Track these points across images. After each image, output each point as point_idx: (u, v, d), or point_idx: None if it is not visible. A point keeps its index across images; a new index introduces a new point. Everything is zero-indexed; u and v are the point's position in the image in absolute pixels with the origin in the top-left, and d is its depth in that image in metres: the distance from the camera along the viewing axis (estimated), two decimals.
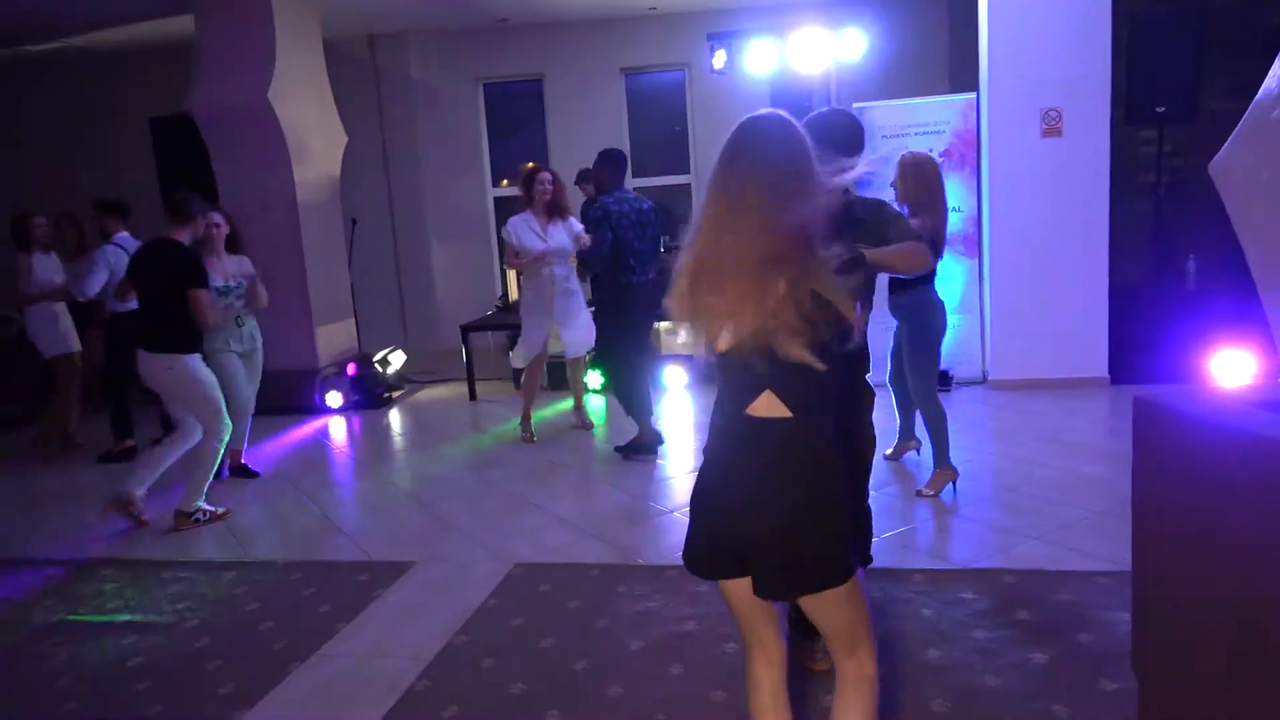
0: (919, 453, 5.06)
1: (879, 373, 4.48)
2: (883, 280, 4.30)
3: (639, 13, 9.20)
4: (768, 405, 1.81)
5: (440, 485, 5.25)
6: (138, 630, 3.61)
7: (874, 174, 3.08)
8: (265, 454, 6.15)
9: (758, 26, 7.16)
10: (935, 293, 4.36)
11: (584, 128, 9.62)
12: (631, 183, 9.30)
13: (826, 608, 1.87)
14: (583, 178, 8.54)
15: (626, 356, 5.42)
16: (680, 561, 2.00)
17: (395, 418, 7.15)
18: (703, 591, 3.53)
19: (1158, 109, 6.06)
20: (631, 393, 5.43)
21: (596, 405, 6.97)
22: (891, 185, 4.32)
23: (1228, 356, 6.26)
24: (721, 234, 1.77)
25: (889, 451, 5.03)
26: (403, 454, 6.08)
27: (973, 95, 6.50)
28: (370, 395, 7.42)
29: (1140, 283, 6.59)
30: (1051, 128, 6.15)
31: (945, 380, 6.58)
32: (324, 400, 7.31)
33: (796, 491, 1.79)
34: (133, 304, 5.13)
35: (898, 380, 4.75)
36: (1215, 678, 2.06)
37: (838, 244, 1.81)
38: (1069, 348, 6.35)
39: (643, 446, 5.48)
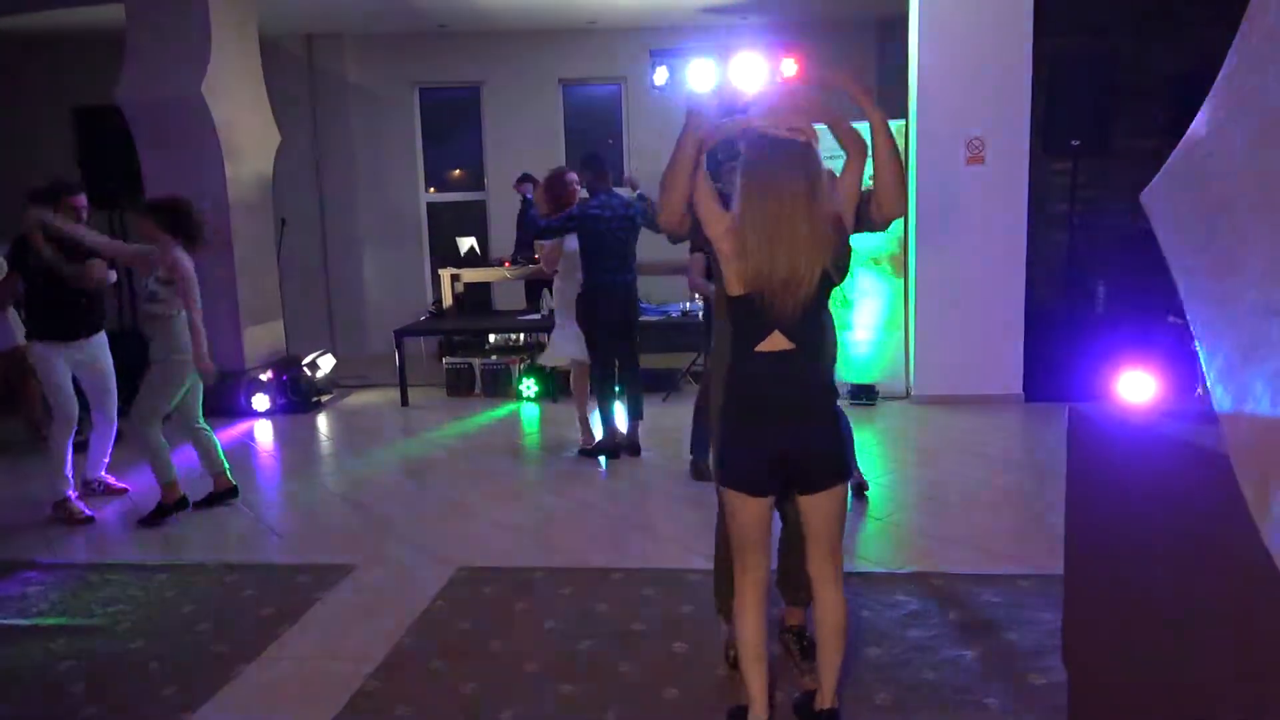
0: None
1: None
2: None
3: (579, 25, 9.30)
4: (772, 342, 2.33)
5: (376, 489, 5.21)
6: (68, 633, 3.50)
7: None
8: (190, 456, 6.00)
9: (698, 46, 7.31)
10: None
11: (521, 136, 9.67)
12: None
13: (835, 504, 2.43)
14: (521, 181, 8.59)
15: (597, 356, 5.52)
16: (624, 565, 2.35)
17: (325, 422, 7.05)
18: (649, 594, 3.62)
19: (1072, 142, 6.42)
20: (600, 391, 5.55)
21: (530, 413, 6.99)
22: None
23: (1133, 376, 6.64)
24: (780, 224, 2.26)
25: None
26: (335, 458, 6.01)
27: (901, 122, 6.77)
28: (299, 399, 7.30)
29: (1053, 305, 6.95)
30: (975, 156, 6.47)
31: (871, 394, 6.83)
32: (250, 403, 7.15)
33: (820, 403, 2.40)
34: None
35: None
36: (1142, 668, 2.23)
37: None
38: (987, 366, 6.66)
39: (602, 449, 5.58)
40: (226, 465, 4.93)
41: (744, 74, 7.04)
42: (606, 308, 5.43)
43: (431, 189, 10.10)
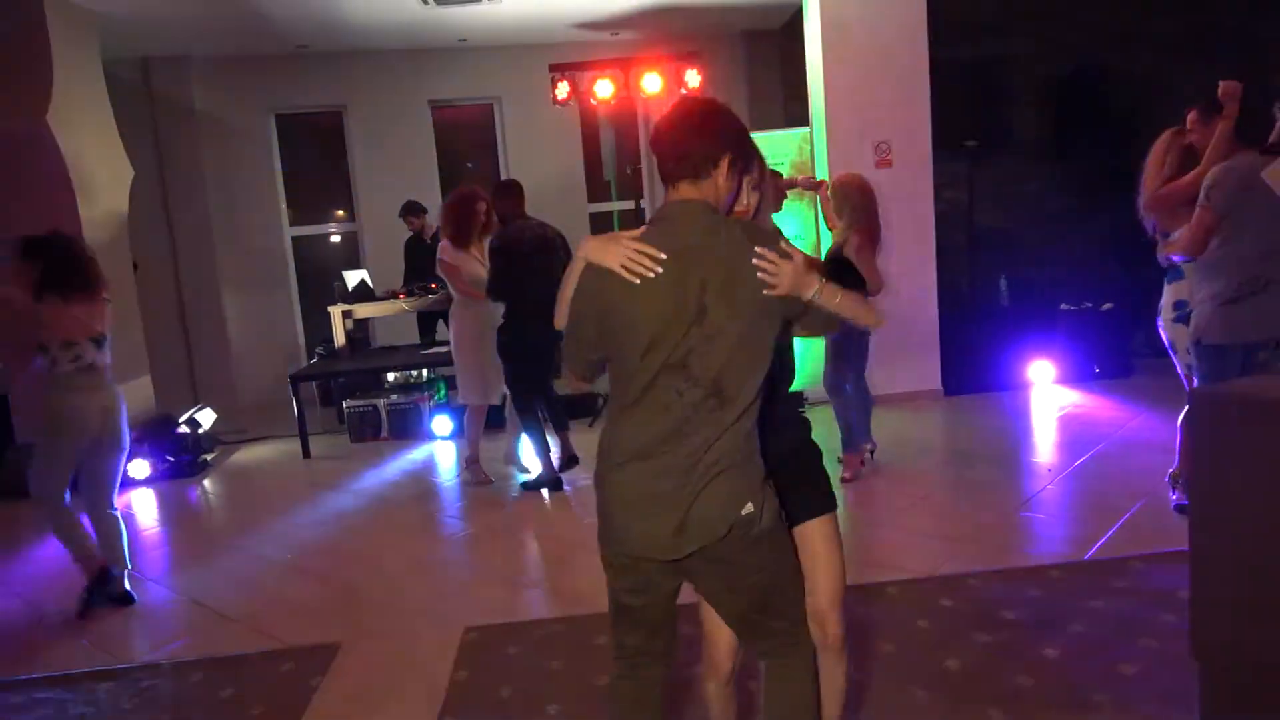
0: (874, 454, 5.32)
1: None
2: None
3: (448, 44, 8.90)
4: None
5: (323, 553, 4.67)
6: None
7: None
8: (56, 545, 5.18)
9: (594, 59, 7.15)
10: None
11: (391, 162, 9.13)
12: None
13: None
14: (408, 211, 8.12)
15: (527, 389, 5.23)
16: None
17: (220, 484, 6.32)
18: (689, 632, 3.37)
19: (968, 143, 6.71)
20: (530, 427, 5.23)
21: (448, 453, 6.54)
22: None
23: (1039, 365, 7.00)
24: None
25: (845, 475, 5.09)
26: (257, 523, 5.34)
27: (807, 129, 6.86)
28: (184, 461, 6.51)
29: (962, 302, 7.22)
30: (883, 159, 6.62)
31: (800, 401, 6.83)
32: (125, 471, 6.30)
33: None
34: None
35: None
36: (1276, 661, 2.22)
37: None
38: (908, 364, 6.81)
39: (543, 483, 5.29)
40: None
41: (647, 89, 6.97)
42: (533, 337, 5.12)
43: (288, 222, 9.37)
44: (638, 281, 1.87)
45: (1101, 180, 4.03)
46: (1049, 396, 6.68)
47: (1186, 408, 3.89)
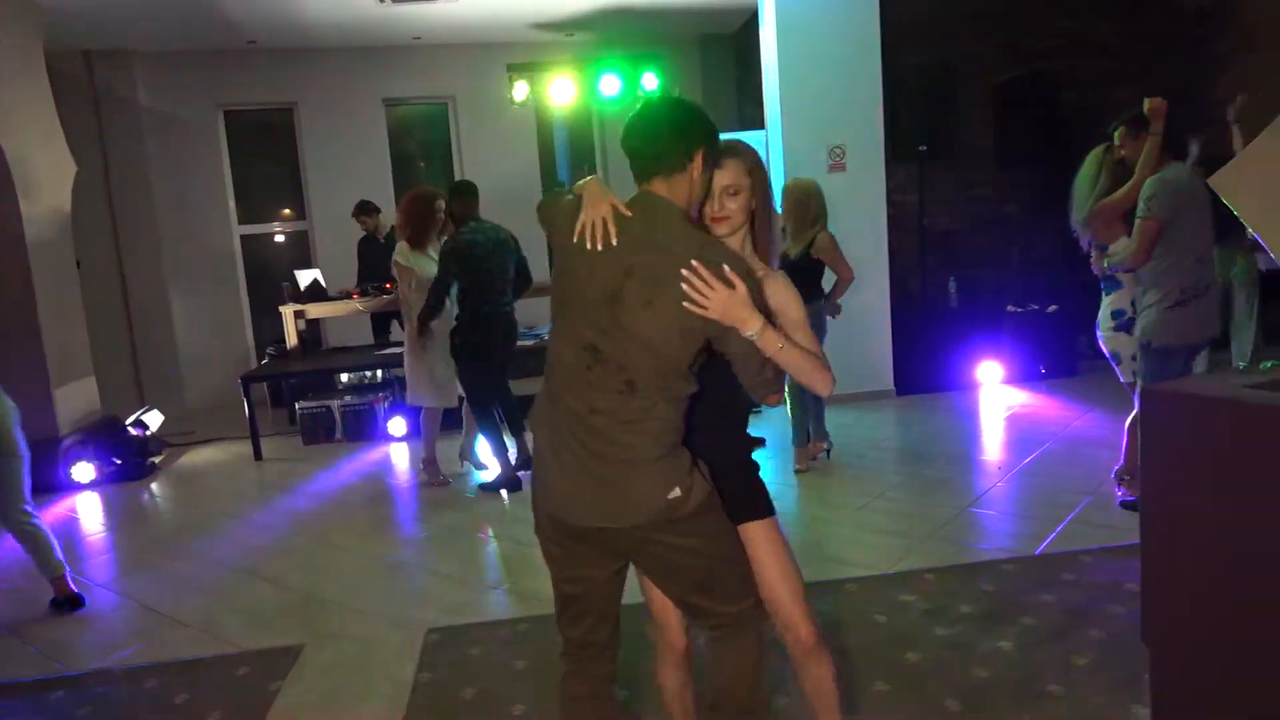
0: (829, 454, 5.43)
1: None
2: None
3: (402, 41, 8.82)
4: None
5: (278, 556, 4.60)
6: None
7: None
8: (8, 548, 5.04)
9: (554, 60, 7.15)
10: None
11: (343, 161, 9.02)
12: (395, 218, 8.88)
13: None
14: (361, 210, 8.03)
15: (483, 390, 5.20)
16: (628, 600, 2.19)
17: (169, 487, 6.18)
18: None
19: (920, 148, 6.84)
20: (487, 429, 5.21)
21: (404, 454, 6.48)
22: None
23: (987, 366, 7.16)
24: None
25: (799, 467, 5.23)
26: (209, 526, 5.24)
27: (761, 132, 6.93)
28: (131, 464, 6.36)
29: (913, 303, 7.36)
30: (837, 163, 6.72)
31: (752, 404, 6.91)
32: (70, 475, 6.15)
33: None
34: None
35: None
36: (1226, 641, 2.31)
37: None
38: (860, 365, 6.91)
39: (501, 484, 5.28)
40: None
41: (604, 91, 6.99)
42: (487, 340, 5.13)
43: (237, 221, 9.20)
44: (585, 245, 1.92)
45: (1049, 186, 4.17)
46: (997, 396, 6.84)
47: (1135, 411, 4.03)
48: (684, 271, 1.81)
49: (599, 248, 1.90)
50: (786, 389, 5.17)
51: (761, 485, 2.19)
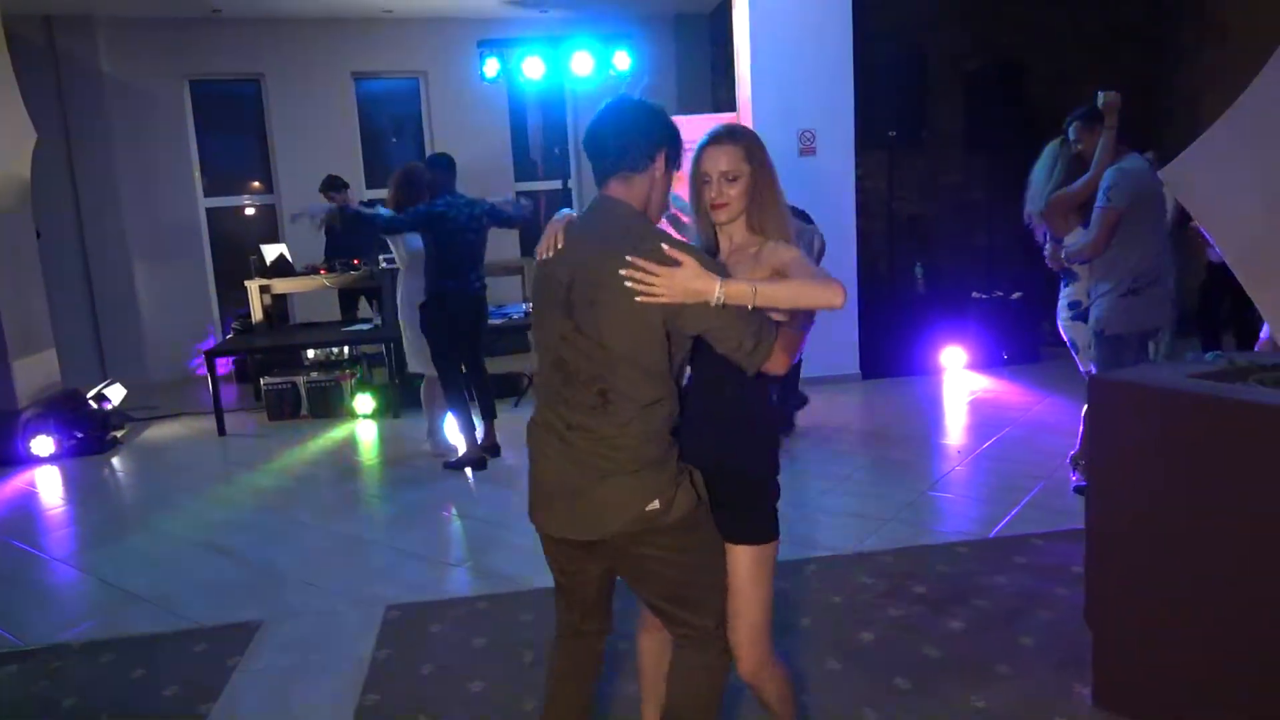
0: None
1: None
2: None
3: (372, 14, 8.70)
4: None
5: (239, 531, 4.58)
6: None
7: None
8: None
9: (524, 37, 7.09)
10: None
11: (311, 134, 8.90)
12: (364, 194, 8.82)
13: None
14: (329, 186, 7.93)
15: (451, 366, 5.20)
16: None
17: (129, 462, 6.12)
18: (617, 608, 3.42)
19: (890, 134, 6.87)
20: (455, 406, 5.24)
21: (370, 432, 6.46)
22: None
23: (951, 351, 7.25)
24: None
25: None
26: (169, 501, 5.19)
27: (733, 115, 6.93)
28: (92, 438, 6.29)
29: (879, 288, 7.42)
30: (807, 148, 6.74)
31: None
32: (29, 448, 6.07)
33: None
34: None
35: None
36: (1166, 622, 2.39)
37: None
38: (827, 348, 6.96)
39: (466, 462, 5.28)
40: None
41: (577, 69, 6.95)
42: (455, 315, 5.11)
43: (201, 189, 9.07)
44: (538, 259, 1.96)
45: (1016, 174, 4.23)
46: (960, 381, 6.92)
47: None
48: (622, 272, 1.78)
49: (549, 255, 1.93)
50: None
51: (766, 502, 2.07)
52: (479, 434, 5.43)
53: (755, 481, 2.05)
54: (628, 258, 1.78)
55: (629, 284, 1.77)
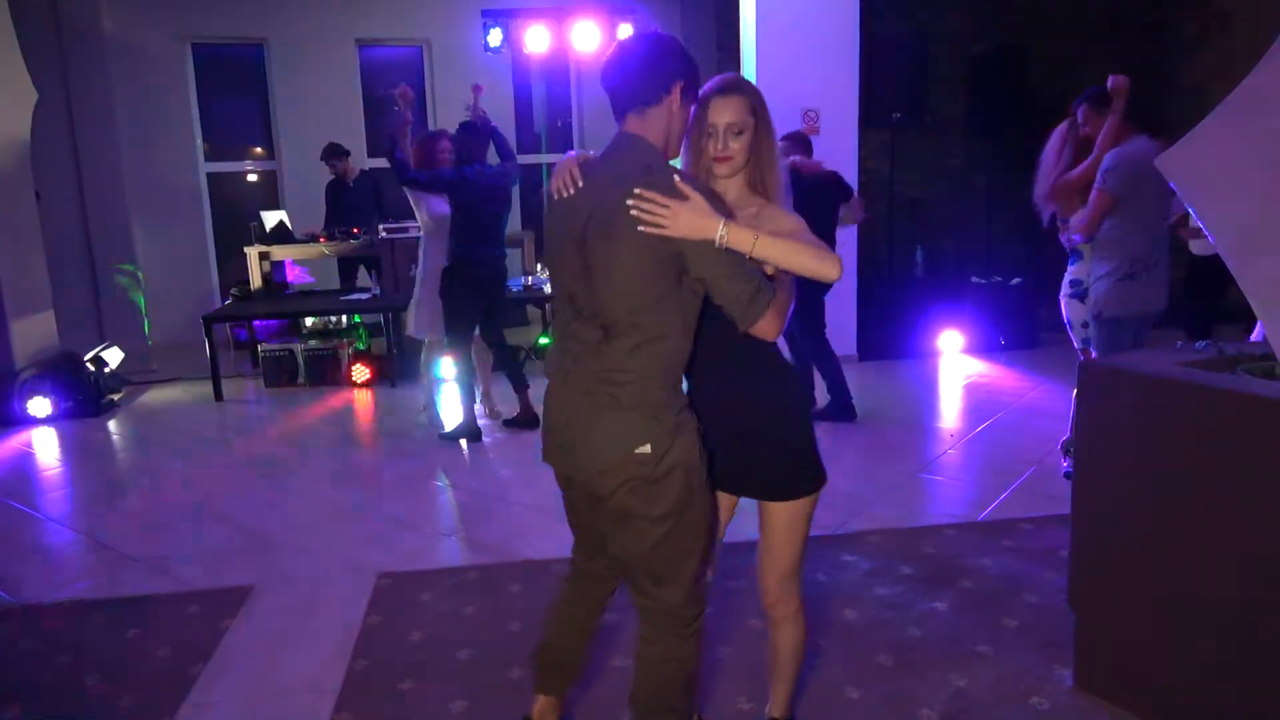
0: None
1: None
2: None
3: None
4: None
5: (235, 497, 4.61)
6: None
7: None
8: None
9: (533, 9, 7.04)
10: None
11: (313, 100, 8.86)
12: (365, 164, 8.78)
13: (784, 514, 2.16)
14: (330, 154, 7.92)
15: (461, 332, 5.22)
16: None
17: (126, 425, 6.15)
18: None
19: (893, 115, 6.84)
20: (460, 374, 5.29)
21: (367, 400, 6.48)
22: None
23: (948, 335, 7.26)
24: None
25: None
26: (164, 465, 5.24)
27: None
28: (88, 400, 6.31)
29: (879, 270, 7.41)
30: (811, 127, 6.70)
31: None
32: (26, 409, 6.10)
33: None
34: None
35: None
36: (1148, 605, 2.41)
37: None
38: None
39: (461, 433, 5.31)
40: None
41: (581, 41, 6.91)
42: (475, 283, 5.14)
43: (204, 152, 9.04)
44: (557, 197, 1.96)
45: (1019, 159, 4.21)
46: (957, 365, 6.94)
47: None
48: (629, 202, 1.76)
49: (567, 194, 1.93)
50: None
51: (797, 450, 2.08)
52: (478, 407, 5.45)
53: (795, 428, 2.10)
54: (636, 190, 1.77)
55: (634, 213, 1.77)
